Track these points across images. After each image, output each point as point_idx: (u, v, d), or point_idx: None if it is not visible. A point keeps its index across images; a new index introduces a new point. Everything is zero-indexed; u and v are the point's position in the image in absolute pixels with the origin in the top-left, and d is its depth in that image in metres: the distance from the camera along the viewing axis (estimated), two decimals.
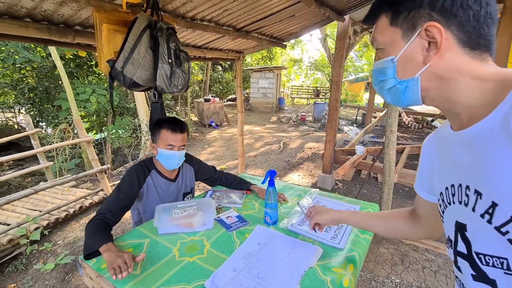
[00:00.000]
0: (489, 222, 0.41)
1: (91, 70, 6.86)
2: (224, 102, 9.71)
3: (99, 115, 6.67)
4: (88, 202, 3.20)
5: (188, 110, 8.57)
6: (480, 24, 0.44)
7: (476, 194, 0.44)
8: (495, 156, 0.40)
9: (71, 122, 5.29)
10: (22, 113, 7.36)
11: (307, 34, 23.67)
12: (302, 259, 1.03)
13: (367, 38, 11.77)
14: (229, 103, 12.47)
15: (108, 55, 1.44)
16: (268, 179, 1.25)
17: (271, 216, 1.26)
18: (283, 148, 5.73)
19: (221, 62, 13.91)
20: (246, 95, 12.76)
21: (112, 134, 5.54)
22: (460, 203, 0.48)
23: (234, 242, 1.13)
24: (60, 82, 5.58)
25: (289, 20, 2.57)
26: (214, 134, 7.60)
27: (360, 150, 3.46)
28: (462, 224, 0.48)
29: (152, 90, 1.49)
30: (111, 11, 1.40)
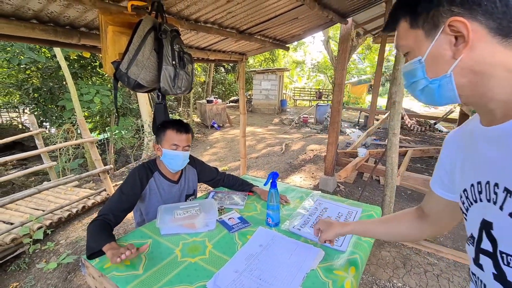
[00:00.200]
0: None
1: (95, 71, 6.91)
2: (227, 103, 9.74)
3: (103, 115, 6.72)
4: (90, 202, 3.22)
5: (190, 111, 8.60)
6: (510, 8, 0.41)
7: (505, 192, 0.42)
8: None
9: (75, 123, 5.33)
10: (27, 113, 7.43)
11: (310, 36, 23.69)
12: (304, 261, 1.03)
13: (369, 40, 11.76)
14: (231, 104, 12.50)
15: (113, 56, 1.45)
16: (270, 181, 1.25)
17: (273, 217, 1.26)
18: (285, 150, 5.73)
19: (224, 63, 13.96)
20: (248, 97, 12.78)
21: (115, 135, 5.57)
22: (488, 201, 0.46)
23: (236, 244, 1.14)
24: (64, 83, 5.63)
25: (292, 23, 2.58)
26: (216, 135, 7.61)
27: (362, 152, 3.45)
28: (489, 222, 0.47)
29: (156, 92, 1.50)
30: (116, 13, 1.42)
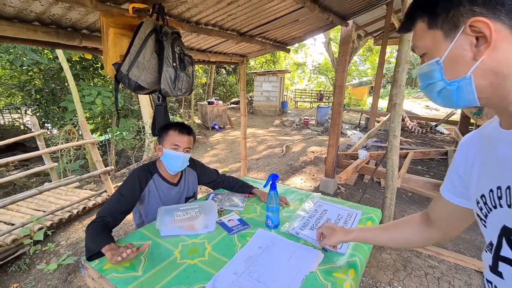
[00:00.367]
0: None
1: (96, 73, 6.95)
2: (228, 105, 9.76)
3: (104, 117, 6.74)
4: (91, 203, 3.23)
5: (191, 112, 8.62)
6: None
7: None
8: None
9: (76, 124, 5.35)
10: (29, 114, 7.46)
11: (311, 38, 23.71)
12: (303, 263, 1.03)
13: (370, 42, 11.78)
14: (232, 106, 12.52)
15: (114, 58, 1.46)
16: (270, 182, 1.26)
17: (272, 219, 1.26)
18: (285, 152, 5.73)
19: (225, 65, 13.99)
20: (249, 98, 12.80)
21: (116, 136, 5.59)
22: (509, 206, 0.44)
23: (235, 245, 1.14)
24: (66, 84, 5.66)
25: (292, 25, 2.59)
26: (217, 136, 7.62)
27: (363, 154, 3.45)
28: (509, 228, 0.44)
29: (156, 93, 1.51)
30: (117, 15, 1.43)
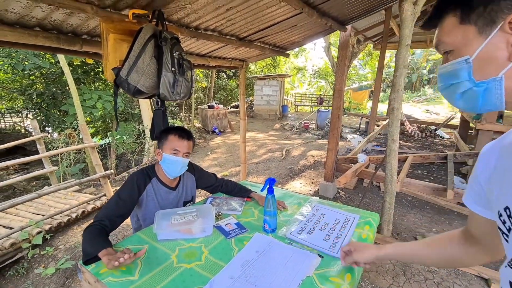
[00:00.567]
0: None
1: (97, 77, 7.00)
2: (228, 109, 9.80)
3: (105, 120, 6.77)
4: (90, 207, 3.23)
5: (192, 116, 8.65)
6: None
7: None
8: None
9: (77, 128, 5.37)
10: (30, 118, 7.49)
11: (310, 43, 23.87)
12: (299, 267, 1.03)
13: (370, 47, 11.83)
14: (232, 110, 12.55)
15: (114, 63, 1.48)
16: (267, 186, 1.26)
17: (270, 223, 1.26)
18: (285, 156, 5.73)
19: (225, 70, 14.07)
20: (249, 102, 12.84)
21: (116, 140, 5.61)
22: None
23: (232, 250, 1.14)
24: (67, 88, 5.70)
25: (291, 30, 2.61)
26: (217, 140, 7.64)
27: (362, 158, 3.45)
28: None
29: (155, 98, 1.52)
30: (118, 21, 1.45)
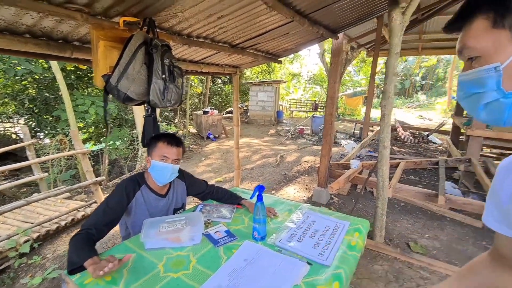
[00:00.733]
0: None
1: (91, 82, 6.95)
2: (223, 114, 9.80)
3: (98, 126, 6.71)
4: (80, 214, 3.17)
5: (186, 122, 8.63)
6: None
7: None
8: None
9: (68, 133, 5.32)
10: (21, 123, 7.40)
11: (305, 49, 24.15)
12: (288, 276, 1.02)
13: (363, 53, 12.01)
14: (228, 115, 12.55)
15: (104, 70, 1.48)
16: (256, 194, 1.26)
17: (259, 231, 1.26)
18: (280, 161, 5.74)
19: (219, 76, 14.13)
20: (245, 108, 12.88)
21: (109, 146, 5.56)
22: None
23: (220, 258, 1.13)
24: (59, 93, 5.65)
25: (284, 38, 2.64)
26: (212, 146, 7.62)
27: (355, 164, 3.47)
28: None
29: (146, 104, 1.52)
30: (108, 28, 1.46)
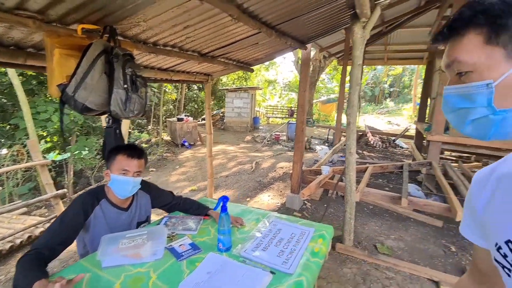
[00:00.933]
0: None
1: None
2: (199, 121, 9.68)
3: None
4: (39, 230, 2.94)
5: (160, 129, 8.40)
6: None
7: None
8: None
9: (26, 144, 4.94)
10: None
11: (281, 57, 24.72)
12: (250, 286, 1.03)
13: (335, 62, 12.55)
14: (203, 122, 12.42)
15: (60, 79, 1.41)
16: (221, 205, 1.25)
17: (224, 242, 1.25)
18: (255, 168, 5.76)
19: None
20: (221, 114, 12.83)
21: (75, 155, 5.24)
22: None
23: (183, 272, 1.10)
24: (18, 100, 5.25)
25: (253, 47, 2.70)
26: (186, 154, 7.47)
27: (325, 170, 3.57)
28: None
29: (107, 115, 1.47)
30: (64, 36, 1.40)
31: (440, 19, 5.20)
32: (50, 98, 5.74)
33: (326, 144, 8.90)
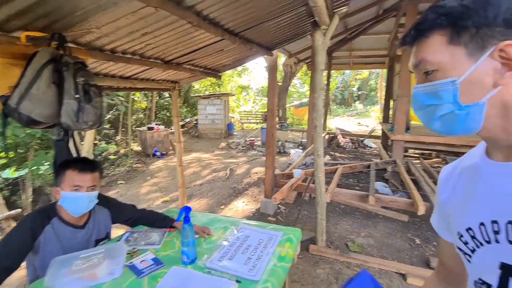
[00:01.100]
0: None
1: None
2: (170, 129, 9.43)
3: (19, 149, 5.81)
4: None
5: (129, 139, 8.05)
6: None
7: None
8: None
9: None
10: None
11: (252, 63, 25.03)
12: None
13: (306, 67, 12.96)
14: None
15: (2, 90, 1.30)
16: (183, 216, 1.22)
17: (188, 254, 1.21)
18: (229, 175, 5.71)
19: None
20: (195, 122, 12.62)
21: (33, 171, 4.84)
22: (510, 242, 0.42)
23: None
24: None
25: (219, 54, 2.69)
26: (158, 164, 7.22)
27: (297, 173, 3.63)
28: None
29: (57, 127, 1.37)
30: (5, 44, 1.29)
31: (397, 27, 5.60)
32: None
33: (300, 147, 9.08)
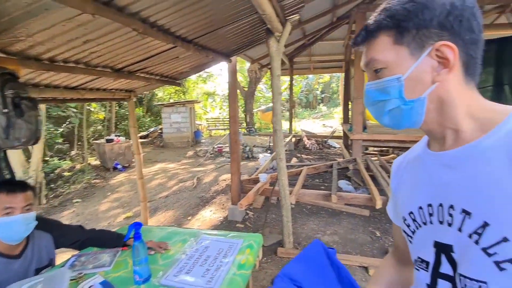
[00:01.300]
0: (476, 242, 0.41)
1: None
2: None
3: None
4: None
5: (86, 153, 7.48)
6: (478, 48, 0.45)
7: (463, 213, 0.43)
8: (492, 176, 0.41)
9: None
10: None
11: (217, 69, 24.93)
12: None
13: (270, 72, 13.28)
14: (140, 140, 11.57)
15: None
16: (132, 233, 1.15)
17: (140, 273, 1.14)
18: (197, 184, 5.57)
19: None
20: (159, 131, 12.16)
21: None
22: (441, 223, 0.47)
23: None
24: None
25: (175, 61, 2.63)
26: (120, 178, 6.79)
27: (263, 177, 3.66)
28: (448, 245, 0.46)
29: None
30: None
31: (349, 33, 5.99)
32: None
33: (269, 152, 9.20)
